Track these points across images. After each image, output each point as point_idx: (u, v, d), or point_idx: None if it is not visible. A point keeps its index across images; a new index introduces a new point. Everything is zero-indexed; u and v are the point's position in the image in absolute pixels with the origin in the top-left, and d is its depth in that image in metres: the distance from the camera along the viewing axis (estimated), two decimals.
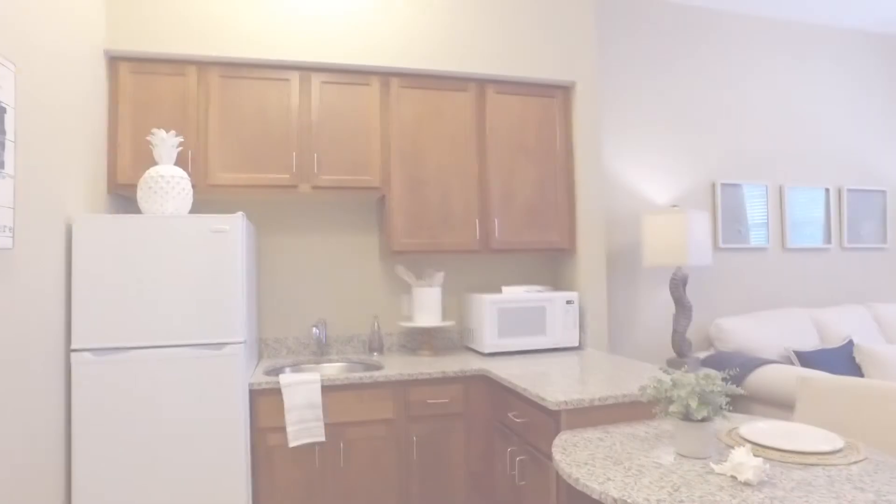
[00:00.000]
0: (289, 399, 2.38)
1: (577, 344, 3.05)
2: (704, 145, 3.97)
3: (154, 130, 2.36)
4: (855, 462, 1.56)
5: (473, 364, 2.69)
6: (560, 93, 3.18)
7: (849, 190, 4.40)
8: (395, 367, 2.67)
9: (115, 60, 2.61)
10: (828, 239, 4.34)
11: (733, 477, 1.45)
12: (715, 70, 4.03)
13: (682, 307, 3.30)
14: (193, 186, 2.64)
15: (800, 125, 4.29)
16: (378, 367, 2.73)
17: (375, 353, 3.06)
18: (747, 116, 4.11)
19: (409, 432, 2.57)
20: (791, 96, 4.26)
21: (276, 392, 2.41)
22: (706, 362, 3.53)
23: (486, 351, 2.88)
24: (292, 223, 3.11)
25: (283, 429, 2.41)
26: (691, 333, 3.86)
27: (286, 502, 2.41)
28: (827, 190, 4.34)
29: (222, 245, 2.30)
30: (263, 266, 3.06)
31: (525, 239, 3.07)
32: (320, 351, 3.02)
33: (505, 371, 2.48)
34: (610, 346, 3.56)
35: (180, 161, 2.61)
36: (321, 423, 2.41)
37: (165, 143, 2.36)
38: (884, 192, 4.52)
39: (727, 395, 1.61)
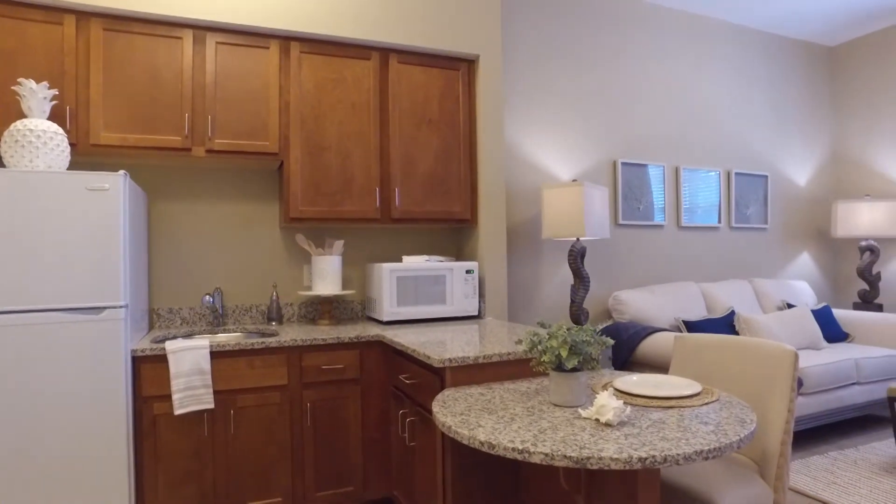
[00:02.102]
0: (175, 366, 2.31)
1: (476, 313, 3.13)
2: (607, 125, 4.15)
3: (21, 80, 2.20)
4: (707, 403, 1.71)
5: (371, 332, 2.71)
6: (464, 65, 3.22)
7: (736, 174, 4.73)
8: (292, 334, 2.64)
9: None
10: (719, 219, 4.65)
11: (597, 420, 1.55)
12: (619, 53, 4.20)
13: (580, 278, 3.45)
14: (73, 146, 2.49)
15: (696, 111, 4.55)
16: (274, 336, 2.70)
17: (274, 323, 3.02)
18: (648, 100, 4.32)
19: (303, 398, 2.56)
20: (689, 84, 4.51)
21: (163, 359, 2.34)
22: (604, 332, 3.72)
23: (385, 319, 2.90)
24: (187, 189, 3.00)
25: (169, 397, 2.35)
26: (591, 304, 4.04)
27: (173, 472, 2.35)
28: (719, 173, 4.64)
29: (102, 205, 2.20)
30: (155, 233, 2.93)
31: (426, 209, 3.10)
32: (217, 321, 2.95)
33: (402, 338, 2.51)
34: (510, 316, 3.68)
35: (57, 117, 2.45)
36: (210, 390, 2.36)
37: (36, 94, 2.21)
38: (766, 176, 4.89)
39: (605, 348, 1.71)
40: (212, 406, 2.36)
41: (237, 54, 2.77)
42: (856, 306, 4.71)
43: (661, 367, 3.34)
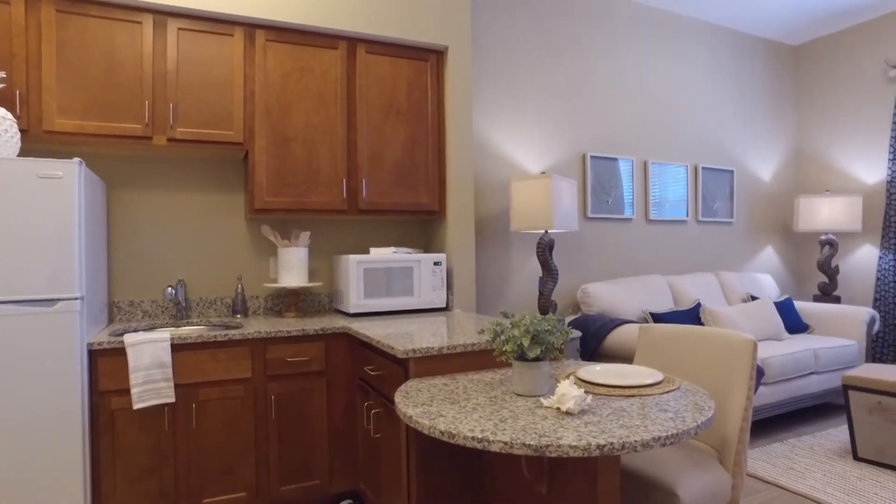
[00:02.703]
0: (134, 359, 2.25)
1: (444, 305, 3.13)
2: (577, 118, 4.17)
3: None
4: (668, 391, 1.73)
5: (338, 324, 2.68)
6: (433, 56, 3.20)
7: (704, 168, 4.81)
8: (256, 326, 2.60)
9: None
10: (686, 213, 4.72)
11: (558, 408, 1.56)
12: (589, 47, 4.22)
13: (548, 271, 3.46)
14: (24, 132, 2.40)
15: (665, 107, 4.61)
16: (238, 328, 2.65)
17: (239, 316, 2.97)
18: (618, 94, 4.36)
19: (268, 391, 2.52)
20: (658, 79, 4.56)
21: (121, 353, 2.28)
22: (572, 324, 3.75)
23: (352, 311, 2.88)
24: (149, 179, 2.92)
25: (128, 391, 2.29)
26: (560, 297, 4.07)
27: (132, 468, 2.30)
28: (687, 167, 4.72)
29: (55, 193, 2.12)
30: (115, 224, 2.85)
31: (394, 200, 3.08)
32: (180, 314, 2.88)
33: (368, 329, 2.49)
34: (479, 308, 3.68)
35: (5, 101, 2.36)
36: (171, 384, 2.31)
37: None
38: (732, 171, 4.98)
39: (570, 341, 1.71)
40: (173, 400, 2.31)
41: (200, 41, 2.70)
42: (816, 298, 4.85)
43: (628, 358, 3.39)
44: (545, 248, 3.44)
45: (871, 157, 4.87)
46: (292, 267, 2.90)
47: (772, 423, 3.86)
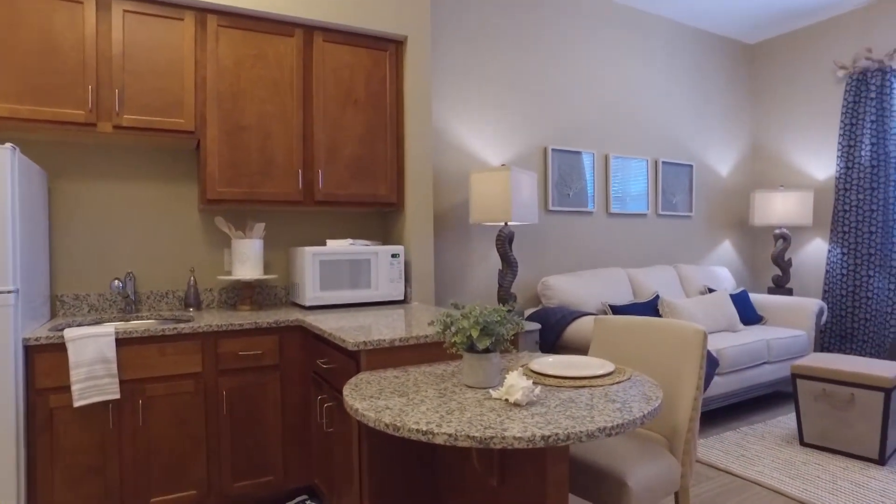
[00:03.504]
0: (75, 354, 2.16)
1: (402, 298, 3.10)
2: (539, 111, 4.18)
3: None
4: (618, 382, 1.74)
5: (292, 316, 2.63)
6: (392, 46, 3.16)
7: (664, 163, 4.88)
8: (207, 320, 2.53)
9: None
10: (647, 206, 4.79)
11: (507, 400, 1.55)
12: (551, 40, 4.23)
13: (508, 263, 3.47)
14: None
15: (626, 101, 4.66)
16: (189, 322, 2.57)
17: (192, 309, 2.89)
18: (580, 87, 4.38)
19: (219, 386, 2.46)
20: (620, 73, 4.60)
21: (61, 348, 2.19)
22: (532, 317, 3.77)
23: (308, 304, 2.83)
24: (95, 167, 2.81)
25: (68, 388, 2.20)
26: (521, 290, 4.09)
27: (72, 468, 2.21)
28: (647, 162, 4.78)
29: None
30: (58, 214, 2.73)
31: (351, 192, 3.03)
32: (129, 308, 2.79)
33: (322, 322, 2.44)
34: (438, 301, 3.67)
35: None
36: (115, 380, 2.23)
37: None
38: (691, 166, 5.08)
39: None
40: (117, 396, 2.23)
41: (148, 24, 2.60)
42: (770, 291, 4.98)
43: (586, 350, 3.42)
44: (504, 241, 3.44)
45: (821, 153, 5.02)
46: (247, 259, 2.84)
47: (726, 412, 3.96)
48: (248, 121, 2.80)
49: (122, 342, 2.28)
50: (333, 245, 2.96)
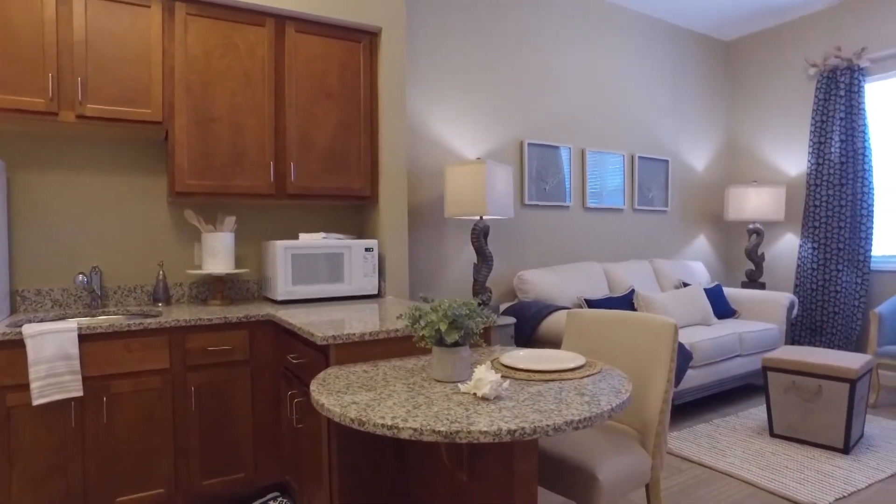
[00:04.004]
0: (35, 351, 2.10)
1: (376, 292, 3.07)
2: (515, 105, 4.17)
3: None
4: (588, 375, 1.73)
5: (263, 311, 2.59)
6: (366, 38, 3.11)
7: (640, 157, 4.91)
8: (175, 315, 2.47)
9: None
10: (623, 201, 4.82)
11: (475, 394, 1.53)
12: (528, 34, 4.22)
13: (483, 257, 3.46)
14: None
15: (603, 96, 4.67)
16: (156, 317, 2.52)
17: (161, 304, 2.82)
18: (557, 82, 4.38)
19: (188, 382, 2.41)
20: (597, 68, 4.61)
21: (19, 345, 2.12)
22: (508, 311, 3.77)
23: (280, 298, 2.79)
24: (57, 159, 2.73)
25: (27, 386, 2.13)
26: (497, 284, 4.08)
27: (32, 469, 2.14)
28: (623, 156, 4.80)
29: None
30: (18, 206, 2.65)
31: (324, 185, 2.99)
32: (95, 303, 2.72)
33: (293, 317, 2.41)
34: (412, 295, 3.65)
35: None
36: (78, 377, 2.17)
37: None
38: (667, 161, 5.12)
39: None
40: (80, 394, 2.17)
41: (112, 11, 2.53)
42: (743, 285, 5.05)
43: (560, 343, 3.42)
44: (479, 235, 3.43)
45: (793, 150, 5.09)
46: (217, 253, 2.78)
47: (699, 405, 4.00)
48: (219, 112, 2.74)
49: (85, 338, 2.22)
50: (306, 239, 2.92)
